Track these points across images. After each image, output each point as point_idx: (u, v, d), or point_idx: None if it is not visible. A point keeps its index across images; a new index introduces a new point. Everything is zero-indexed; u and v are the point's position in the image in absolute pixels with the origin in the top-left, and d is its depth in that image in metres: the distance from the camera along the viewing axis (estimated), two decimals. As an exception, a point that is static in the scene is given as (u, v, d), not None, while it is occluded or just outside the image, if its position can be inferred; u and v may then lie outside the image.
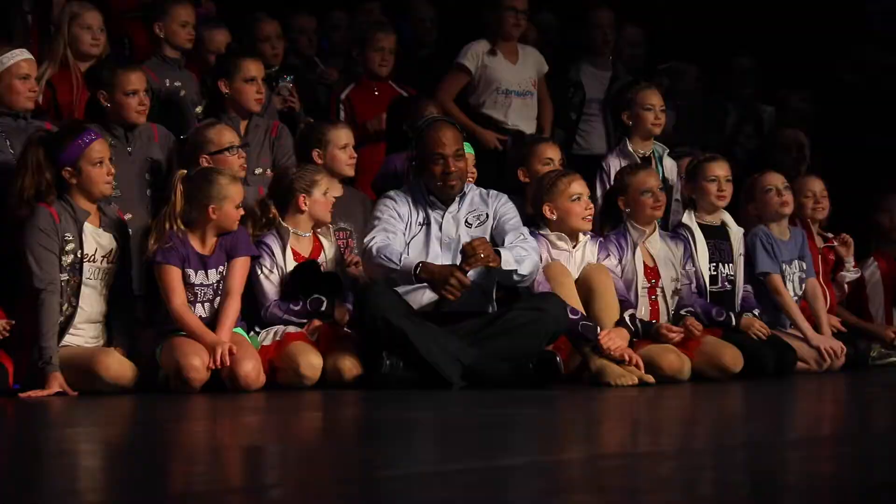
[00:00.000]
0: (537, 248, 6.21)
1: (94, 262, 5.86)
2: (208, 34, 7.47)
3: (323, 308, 6.13)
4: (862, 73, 9.17)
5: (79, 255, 5.80)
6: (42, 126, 6.18)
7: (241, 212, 5.98)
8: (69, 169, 5.82)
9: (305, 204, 6.22)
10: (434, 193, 6.22)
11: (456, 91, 7.83)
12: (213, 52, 7.41)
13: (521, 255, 6.02)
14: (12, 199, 5.82)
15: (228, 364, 5.75)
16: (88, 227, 5.85)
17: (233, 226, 5.95)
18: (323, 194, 6.26)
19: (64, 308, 5.77)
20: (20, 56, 6.22)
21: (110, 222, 5.95)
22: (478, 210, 6.25)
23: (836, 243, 7.51)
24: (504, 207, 6.26)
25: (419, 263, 5.95)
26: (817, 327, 7.07)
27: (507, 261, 5.97)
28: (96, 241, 5.87)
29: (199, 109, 7.07)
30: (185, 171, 6.02)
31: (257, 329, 6.13)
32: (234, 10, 8.23)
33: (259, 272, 6.15)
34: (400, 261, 5.95)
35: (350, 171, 6.76)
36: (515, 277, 6.03)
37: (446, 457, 3.88)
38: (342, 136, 6.73)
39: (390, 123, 7.35)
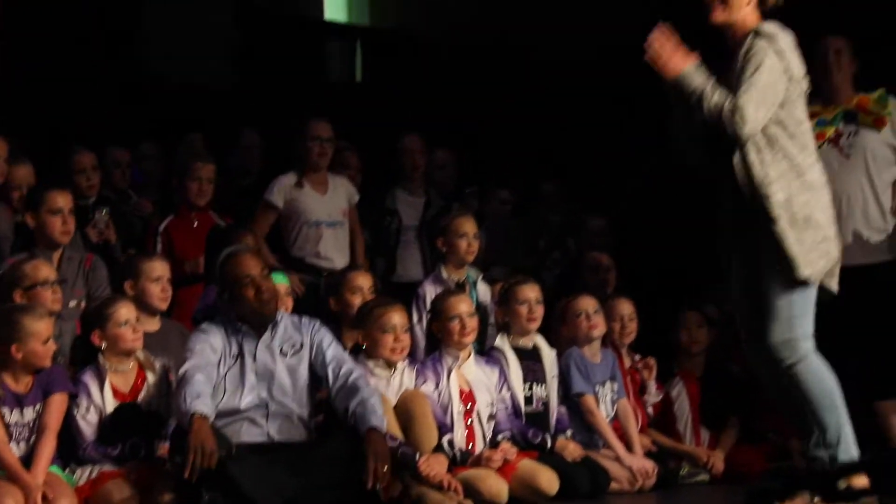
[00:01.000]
0: (366, 377, 6.25)
1: None
2: (11, 169, 7.34)
3: (142, 453, 6.06)
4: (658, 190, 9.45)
5: None
6: None
7: (53, 346, 5.85)
8: None
9: (101, 339, 6.15)
10: (248, 321, 6.15)
11: (267, 227, 7.83)
12: (16, 188, 7.35)
13: (377, 407, 6.01)
14: None
15: (43, 513, 5.65)
16: None
17: (43, 362, 5.82)
18: (120, 326, 6.16)
19: None
20: None
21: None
22: (292, 339, 6.20)
23: (640, 366, 7.71)
24: (319, 335, 6.24)
25: (194, 415, 5.71)
26: (629, 447, 7.24)
27: (383, 425, 5.98)
28: None
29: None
30: None
31: (73, 466, 6.04)
32: (46, 142, 8.19)
33: (75, 412, 6.05)
34: (188, 402, 5.76)
35: (163, 305, 6.72)
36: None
37: None
38: (156, 268, 6.70)
39: (208, 254, 7.34)
